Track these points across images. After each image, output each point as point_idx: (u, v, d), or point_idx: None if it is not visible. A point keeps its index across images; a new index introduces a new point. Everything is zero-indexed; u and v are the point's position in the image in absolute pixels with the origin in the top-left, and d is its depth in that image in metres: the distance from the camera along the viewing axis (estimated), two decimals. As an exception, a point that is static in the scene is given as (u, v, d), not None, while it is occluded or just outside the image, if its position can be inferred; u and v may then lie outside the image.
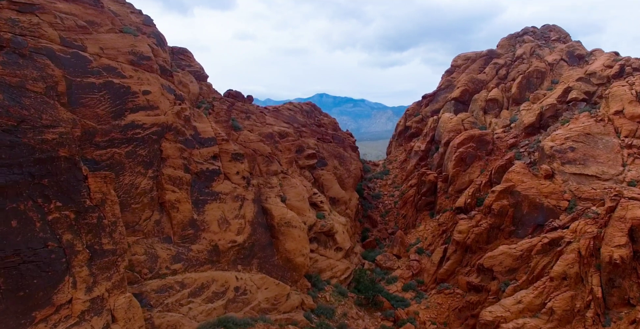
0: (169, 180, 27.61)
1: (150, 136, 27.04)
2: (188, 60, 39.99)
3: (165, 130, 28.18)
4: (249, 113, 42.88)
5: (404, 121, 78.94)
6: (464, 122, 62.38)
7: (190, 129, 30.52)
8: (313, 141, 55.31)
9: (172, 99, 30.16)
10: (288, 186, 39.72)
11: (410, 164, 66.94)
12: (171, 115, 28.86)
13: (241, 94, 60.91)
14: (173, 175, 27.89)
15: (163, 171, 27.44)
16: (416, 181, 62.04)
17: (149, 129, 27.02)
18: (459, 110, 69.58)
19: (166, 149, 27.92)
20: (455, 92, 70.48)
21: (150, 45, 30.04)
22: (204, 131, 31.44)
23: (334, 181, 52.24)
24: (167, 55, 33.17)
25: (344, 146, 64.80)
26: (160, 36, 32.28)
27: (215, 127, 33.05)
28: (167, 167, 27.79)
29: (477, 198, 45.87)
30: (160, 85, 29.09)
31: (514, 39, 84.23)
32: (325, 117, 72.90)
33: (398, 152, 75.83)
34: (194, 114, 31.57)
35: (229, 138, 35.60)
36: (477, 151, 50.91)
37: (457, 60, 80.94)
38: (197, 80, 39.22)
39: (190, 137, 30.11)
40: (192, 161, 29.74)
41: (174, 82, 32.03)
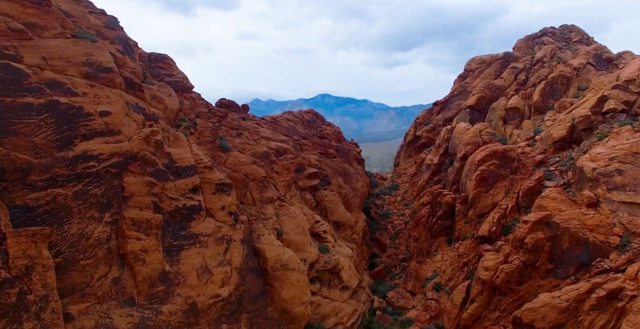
0: (133, 225, 21.82)
1: (109, 169, 21.28)
2: (169, 69, 34.23)
3: (129, 160, 22.41)
4: (240, 129, 37.07)
5: (413, 130, 72.96)
6: (481, 133, 56.41)
7: (163, 156, 24.73)
8: (315, 157, 49.49)
9: (141, 119, 24.41)
10: (286, 215, 33.89)
11: (421, 179, 61.01)
12: (138, 141, 23.10)
13: (235, 104, 55.18)
14: (138, 218, 22.10)
15: (125, 213, 21.65)
16: (429, 198, 56.15)
17: (107, 161, 21.27)
18: (475, 119, 63.60)
19: (130, 185, 22.14)
20: (470, 99, 64.49)
21: (113, 53, 24.29)
22: (181, 158, 25.64)
23: (338, 203, 46.39)
24: (138, 64, 27.40)
25: (348, 159, 58.96)
26: (128, 42, 26.52)
27: (197, 151, 27.24)
28: (130, 208, 22.01)
29: (503, 225, 39.95)
30: (124, 103, 23.35)
31: (532, 40, 78.18)
32: (329, 126, 67.07)
33: (407, 164, 69.88)
34: (169, 137, 25.79)
35: (215, 163, 29.82)
36: (501, 169, 44.95)
37: (470, 64, 74.96)
38: (178, 93, 33.48)
39: (162, 168, 24.32)
40: (164, 197, 23.96)
41: (145, 97, 26.27)
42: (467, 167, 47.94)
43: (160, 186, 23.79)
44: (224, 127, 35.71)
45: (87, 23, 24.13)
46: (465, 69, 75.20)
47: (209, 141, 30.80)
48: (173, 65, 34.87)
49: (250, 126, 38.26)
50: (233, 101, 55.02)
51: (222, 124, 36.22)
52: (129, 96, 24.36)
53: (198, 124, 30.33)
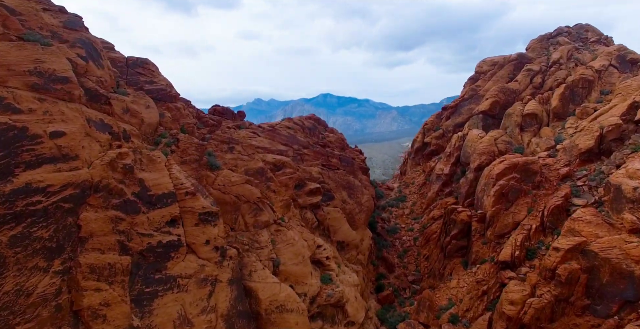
0: (92, 272, 17.63)
1: (60, 204, 17.10)
2: (149, 75, 30.03)
3: (88, 192, 18.23)
4: (232, 143, 32.82)
5: (421, 137, 68.62)
6: (497, 142, 52.09)
7: (134, 184, 20.51)
8: (316, 169, 45.26)
9: (106, 139, 20.22)
10: (283, 242, 29.66)
11: (431, 191, 56.71)
12: (100, 167, 18.90)
13: (229, 110, 51.00)
14: (99, 263, 17.91)
15: (81, 258, 17.47)
16: (440, 212, 51.91)
17: (58, 194, 17.08)
18: (489, 125, 59.29)
19: (88, 223, 17.95)
20: (483, 104, 60.14)
21: (72, 59, 20.10)
22: (156, 185, 21.42)
23: (342, 220, 42.17)
24: (108, 71, 23.17)
25: (353, 169, 54.70)
26: (95, 45, 22.28)
27: (177, 174, 23.02)
28: (88, 251, 17.82)
29: (527, 249, 35.68)
30: (84, 120, 19.15)
31: (547, 40, 73.81)
32: (331, 133, 62.81)
33: (415, 173, 65.58)
34: (142, 159, 21.57)
35: (201, 186, 25.60)
36: (522, 184, 40.63)
37: (482, 66, 70.62)
38: (160, 103, 29.28)
39: (132, 198, 20.11)
40: (134, 234, 19.75)
41: (114, 112, 22.06)
42: (484, 181, 43.62)
43: (128, 221, 19.57)
44: (213, 141, 31.49)
45: (40, 23, 19.92)
46: (476, 71, 70.86)
47: (194, 159, 26.56)
48: (155, 71, 30.66)
49: (243, 139, 34.03)
50: (227, 108, 50.87)
51: (211, 137, 32.01)
52: (91, 111, 20.16)
53: (181, 140, 26.10)
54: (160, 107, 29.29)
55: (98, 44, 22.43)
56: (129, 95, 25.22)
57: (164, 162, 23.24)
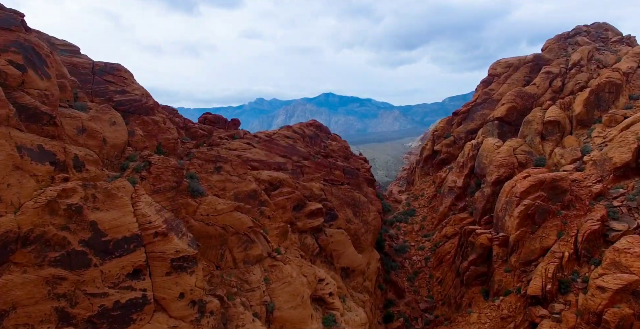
0: (15, 357, 13.11)
1: (-30, 267, 12.59)
2: (121, 84, 25.47)
3: (11, 247, 13.75)
4: (219, 161, 28.20)
5: (431, 144, 63.90)
6: (516, 152, 47.45)
7: (84, 228, 15.99)
8: (318, 185, 40.68)
9: (47, 171, 15.71)
10: (279, 281, 25.12)
11: (443, 205, 52.09)
12: (33, 211, 14.41)
13: (222, 119, 46.50)
14: (26, 343, 13.38)
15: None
16: (453, 230, 47.32)
17: (-32, 253, 12.57)
18: (505, 133, 54.59)
19: (10, 290, 13.45)
20: (499, 110, 55.42)
21: (1, 68, 15.58)
22: (114, 226, 16.89)
23: (346, 243, 37.61)
24: (56, 82, 18.58)
25: (358, 181, 50.12)
26: (37, 49, 17.67)
27: (145, 209, 18.47)
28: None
29: (560, 280, 31.06)
30: (12, 149, 14.65)
31: (564, 40, 69.00)
32: (334, 141, 58.21)
33: (424, 183, 60.92)
34: (96, 194, 17.01)
35: (178, 219, 21.09)
36: (550, 203, 36.01)
37: (495, 68, 65.87)
38: (133, 117, 24.77)
39: (80, 248, 15.60)
40: (80, 297, 15.23)
41: (62, 134, 17.51)
42: (505, 198, 38.94)
43: (72, 280, 15.07)
44: (196, 161, 26.92)
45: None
46: (489, 73, 66.13)
47: (170, 186, 22.01)
48: (128, 79, 26.11)
49: (233, 157, 29.38)
50: (219, 116, 46.37)
51: (194, 155, 27.43)
52: (26, 135, 15.64)
53: (154, 164, 21.54)
54: (133, 122, 24.76)
55: (43, 48, 17.87)
56: (89, 110, 20.68)
57: (129, 195, 18.71)
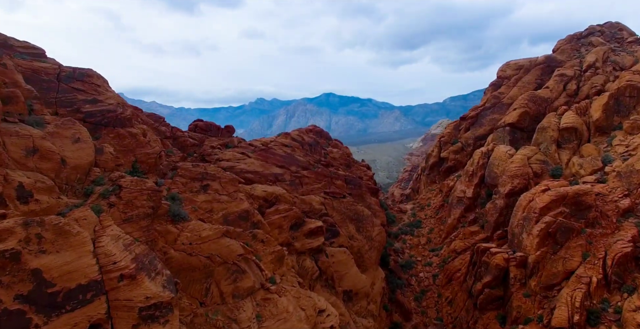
0: None
1: None
2: (92, 92, 22.27)
3: None
4: (207, 178, 24.95)
5: (437, 151, 60.62)
6: (530, 161, 44.20)
7: (22, 280, 12.78)
8: (318, 199, 37.46)
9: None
10: (273, 318, 21.92)
11: (451, 216, 48.84)
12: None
13: (214, 126, 43.28)
14: None
15: None
16: (463, 245, 44.11)
17: None
18: (517, 140, 51.36)
19: None
20: (510, 115, 52.16)
21: None
22: (65, 274, 13.68)
23: (349, 263, 34.42)
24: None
25: (360, 192, 46.91)
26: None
27: (109, 246, 15.26)
28: None
29: (589, 310, 27.81)
30: None
31: (576, 41, 65.74)
32: (335, 148, 55.02)
33: (431, 192, 57.65)
34: (43, 233, 13.79)
35: (156, 248, 17.91)
36: (572, 220, 32.78)
37: (505, 70, 62.61)
38: (105, 130, 21.58)
39: (15, 306, 12.37)
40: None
41: (8, 157, 14.31)
42: (521, 213, 35.72)
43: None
44: (179, 179, 23.69)
45: None
46: (499, 76, 62.88)
47: (144, 213, 18.79)
48: (101, 86, 22.93)
49: (223, 174, 26.10)
50: (211, 123, 43.13)
51: (177, 173, 24.20)
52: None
53: (125, 187, 18.31)
54: (105, 136, 21.58)
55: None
56: (47, 125, 17.49)
57: (91, 228, 15.55)
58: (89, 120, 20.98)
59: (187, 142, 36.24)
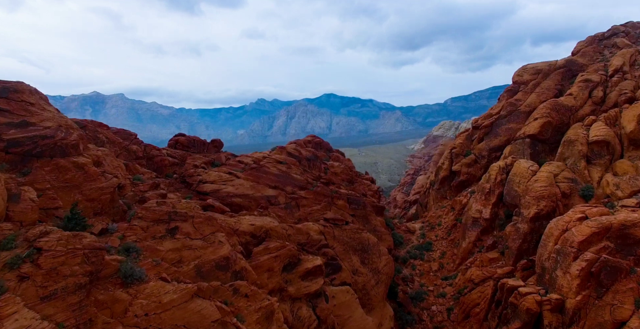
0: None
1: None
2: (20, 113, 17.15)
3: None
4: (175, 219, 19.72)
5: (448, 163, 55.45)
6: (557, 179, 39.10)
7: None
8: (317, 227, 32.31)
9: None
10: None
11: (466, 239, 43.69)
12: None
13: (198, 141, 38.12)
14: None
15: None
16: (481, 274, 38.94)
17: None
18: (538, 153, 46.26)
19: None
20: (531, 125, 46.99)
21: None
22: None
23: (353, 304, 29.31)
24: None
25: (365, 213, 41.82)
26: None
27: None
28: None
29: (648, 375, 22.60)
30: None
31: (599, 42, 60.59)
32: (336, 161, 49.93)
33: (441, 210, 52.48)
34: None
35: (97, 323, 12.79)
36: (619, 257, 27.67)
37: (522, 75, 57.46)
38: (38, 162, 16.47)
39: None
40: None
41: None
42: (554, 245, 30.59)
43: None
44: (139, 223, 18.52)
45: None
46: (515, 81, 57.73)
47: (75, 284, 13.68)
48: (35, 104, 17.82)
49: (196, 212, 20.91)
50: (195, 138, 37.91)
51: (136, 214, 19.05)
52: None
53: (46, 251, 13.21)
54: (38, 170, 16.50)
55: None
56: None
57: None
58: (13, 150, 15.98)
59: (164, 162, 31.20)
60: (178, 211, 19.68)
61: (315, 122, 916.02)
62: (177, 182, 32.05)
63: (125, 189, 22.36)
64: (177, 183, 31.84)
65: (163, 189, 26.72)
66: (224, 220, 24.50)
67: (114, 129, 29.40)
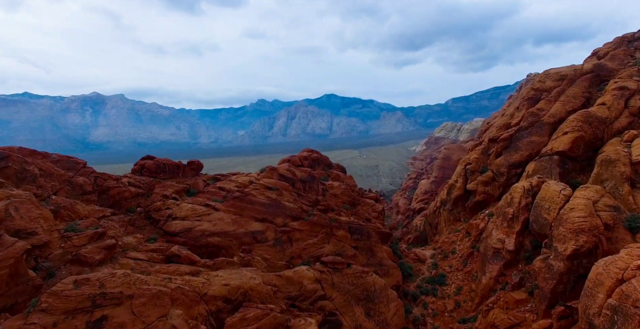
0: None
1: None
2: None
3: None
4: (103, 305, 13.78)
5: (462, 181, 49.39)
6: (596, 207, 33.11)
7: None
8: (311, 274, 26.34)
9: None
10: None
11: (486, 274, 37.69)
12: None
13: (171, 165, 31.94)
14: None
15: None
16: (508, 319, 33.07)
17: None
18: (568, 173, 40.26)
19: None
20: (561, 141, 40.96)
21: None
22: None
23: (356, 375, 23.43)
24: None
25: (369, 244, 35.92)
26: None
27: None
28: None
29: None
30: None
31: (628, 44, 54.54)
32: (336, 179, 43.92)
33: (455, 234, 46.43)
34: None
35: None
36: (694, 320, 21.62)
37: (544, 81, 51.44)
38: None
39: None
40: None
41: None
42: (606, 297, 24.61)
43: None
44: (40, 321, 12.57)
45: None
46: (536, 88, 51.70)
47: None
48: None
49: (138, 289, 14.95)
50: (166, 161, 31.69)
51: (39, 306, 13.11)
52: None
53: None
54: None
55: None
56: None
57: None
58: None
59: (124, 195, 25.28)
60: (108, 292, 13.72)
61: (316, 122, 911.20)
62: (141, 217, 26.13)
63: (50, 248, 16.55)
64: (140, 219, 25.94)
65: (114, 235, 20.78)
66: (188, 282, 18.58)
67: (56, 156, 23.57)
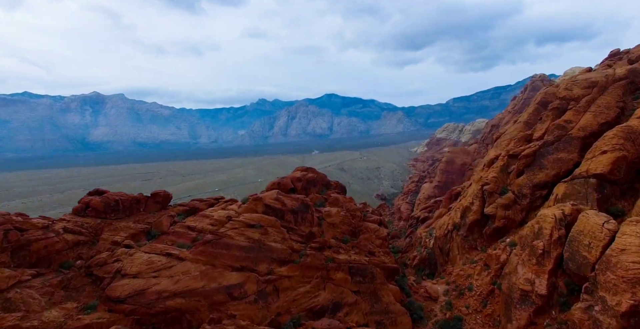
0: None
1: None
2: None
3: None
4: None
5: (479, 204, 43.24)
6: (650, 247, 27.03)
7: None
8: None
9: None
10: None
11: (513, 322, 31.71)
12: None
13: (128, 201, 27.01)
14: None
15: None
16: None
17: None
18: (607, 198, 34.28)
19: None
20: (599, 161, 34.93)
21: None
22: None
23: None
24: None
25: (373, 287, 30.06)
26: None
27: None
28: None
29: None
30: None
31: (664, 47, 48.39)
32: (334, 204, 37.98)
33: (471, 266, 40.33)
34: None
35: None
36: None
37: (571, 88, 45.36)
38: None
39: None
40: None
41: None
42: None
43: None
44: None
45: None
46: (562, 96, 45.62)
47: None
48: None
49: None
50: (121, 195, 26.24)
51: None
52: None
53: None
54: None
55: None
56: None
57: None
58: None
59: (55, 247, 19.31)
60: None
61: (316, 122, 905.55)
62: (80, 275, 20.20)
63: None
64: (79, 278, 20.01)
65: (27, 314, 14.90)
66: None
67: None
